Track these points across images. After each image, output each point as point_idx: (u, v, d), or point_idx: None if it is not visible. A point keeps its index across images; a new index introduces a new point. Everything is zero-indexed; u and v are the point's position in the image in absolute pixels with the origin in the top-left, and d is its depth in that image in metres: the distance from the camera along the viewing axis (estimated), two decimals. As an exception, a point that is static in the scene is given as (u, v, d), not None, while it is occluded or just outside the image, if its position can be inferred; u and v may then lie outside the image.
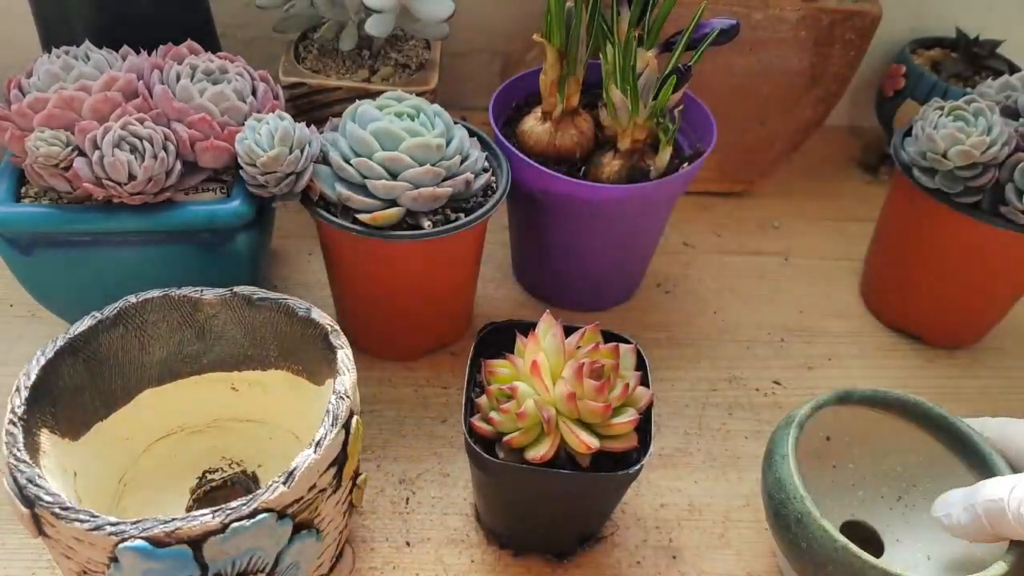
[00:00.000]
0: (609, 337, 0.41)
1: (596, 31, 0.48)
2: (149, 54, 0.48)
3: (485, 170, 0.48)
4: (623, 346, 0.40)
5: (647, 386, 0.40)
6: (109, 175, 0.42)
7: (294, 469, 0.32)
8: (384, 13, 0.52)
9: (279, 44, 0.58)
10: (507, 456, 0.38)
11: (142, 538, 0.30)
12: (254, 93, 0.47)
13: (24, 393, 0.35)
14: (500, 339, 0.42)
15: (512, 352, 0.40)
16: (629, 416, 0.38)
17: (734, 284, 0.62)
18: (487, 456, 0.37)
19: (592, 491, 0.39)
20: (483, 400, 0.39)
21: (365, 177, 0.44)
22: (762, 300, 0.61)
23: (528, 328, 0.40)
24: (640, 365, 0.41)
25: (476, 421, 0.39)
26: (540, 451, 0.37)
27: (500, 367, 0.39)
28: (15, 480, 0.32)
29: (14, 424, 0.34)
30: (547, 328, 0.39)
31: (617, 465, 0.38)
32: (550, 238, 0.54)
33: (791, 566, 0.38)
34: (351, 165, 0.44)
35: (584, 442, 0.36)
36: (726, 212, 0.68)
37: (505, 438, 0.37)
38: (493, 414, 0.38)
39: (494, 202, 0.47)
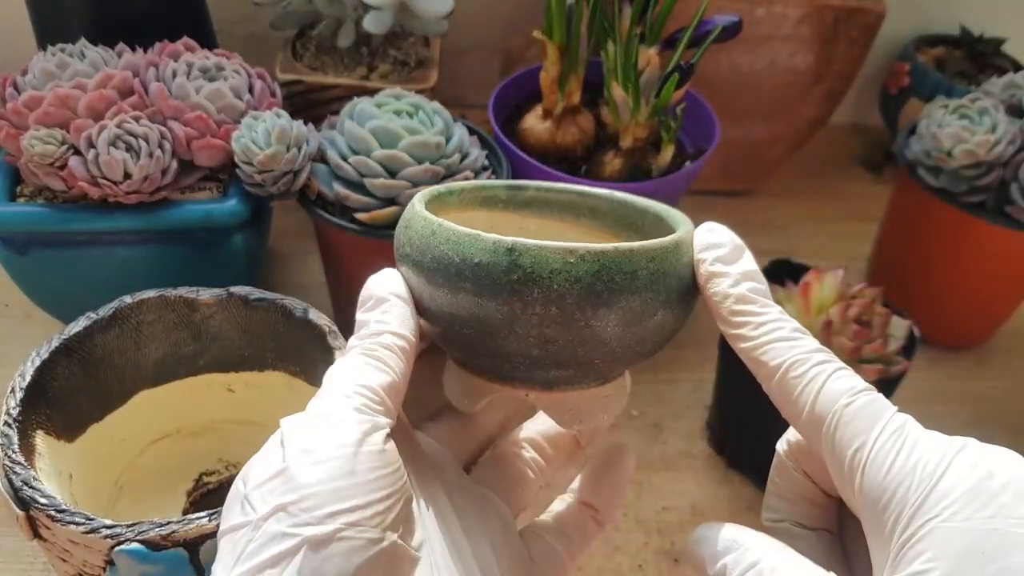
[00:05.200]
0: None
1: (597, 28, 0.47)
2: (145, 51, 0.47)
3: (485, 168, 0.48)
4: (897, 318, 0.45)
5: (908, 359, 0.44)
6: (104, 174, 0.41)
7: (291, 472, 0.32)
8: (382, 10, 0.51)
9: (276, 41, 0.57)
10: None
11: (138, 541, 0.29)
12: (251, 91, 0.47)
13: (19, 394, 0.35)
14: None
15: None
16: (875, 367, 0.42)
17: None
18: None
19: None
20: None
21: (363, 175, 0.43)
22: (765, 300, 0.60)
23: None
24: (910, 343, 0.44)
25: None
26: None
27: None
28: (10, 482, 0.31)
29: (9, 426, 0.33)
30: (835, 273, 0.45)
31: None
32: (551, 237, 0.53)
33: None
34: (349, 163, 0.44)
35: None
36: (729, 211, 0.67)
37: None
38: None
39: (494, 201, 0.46)
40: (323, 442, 0.21)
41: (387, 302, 0.24)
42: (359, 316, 0.24)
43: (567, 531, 0.29)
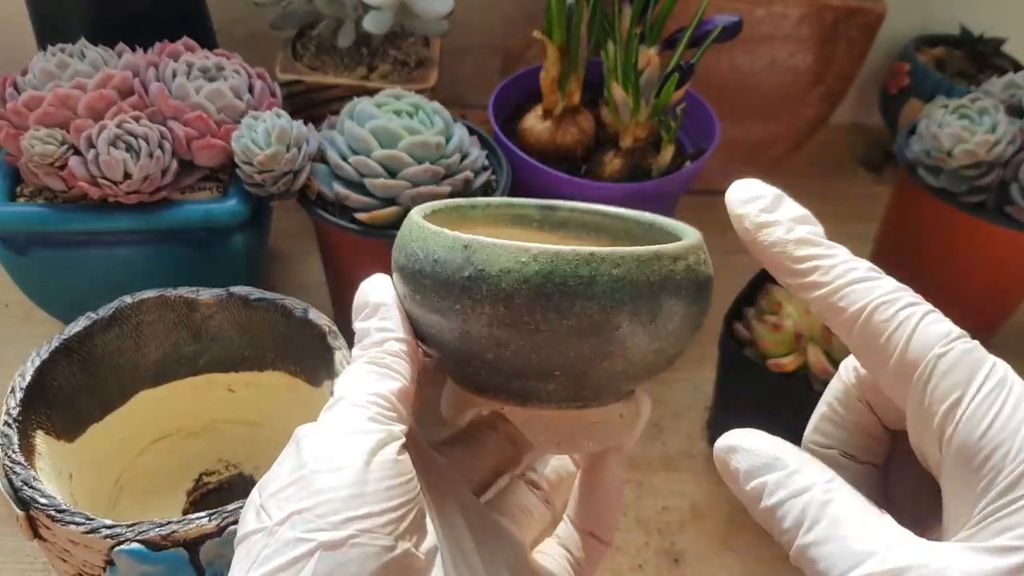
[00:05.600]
0: None
1: (597, 28, 0.47)
2: (145, 51, 0.47)
3: (485, 168, 0.48)
4: None
5: None
6: (104, 174, 0.41)
7: (291, 472, 0.32)
8: (382, 10, 0.51)
9: (276, 41, 0.57)
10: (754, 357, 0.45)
11: (138, 541, 0.29)
12: (251, 91, 0.47)
13: (19, 394, 0.35)
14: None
15: None
16: None
17: (738, 284, 0.61)
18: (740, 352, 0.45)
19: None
20: (751, 312, 0.47)
21: (363, 175, 0.43)
22: (764, 300, 0.60)
23: None
24: None
25: (737, 326, 0.47)
26: (783, 361, 0.44)
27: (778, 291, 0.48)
28: (11, 482, 0.31)
29: (9, 425, 0.33)
30: None
31: None
32: (551, 237, 0.53)
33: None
34: (349, 163, 0.44)
35: (822, 365, 0.43)
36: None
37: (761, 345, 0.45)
38: (755, 322, 0.46)
39: (494, 201, 0.46)
40: (338, 451, 0.21)
41: (384, 306, 0.24)
42: (358, 325, 0.24)
43: (575, 555, 0.28)
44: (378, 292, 0.24)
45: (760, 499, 0.20)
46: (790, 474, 0.20)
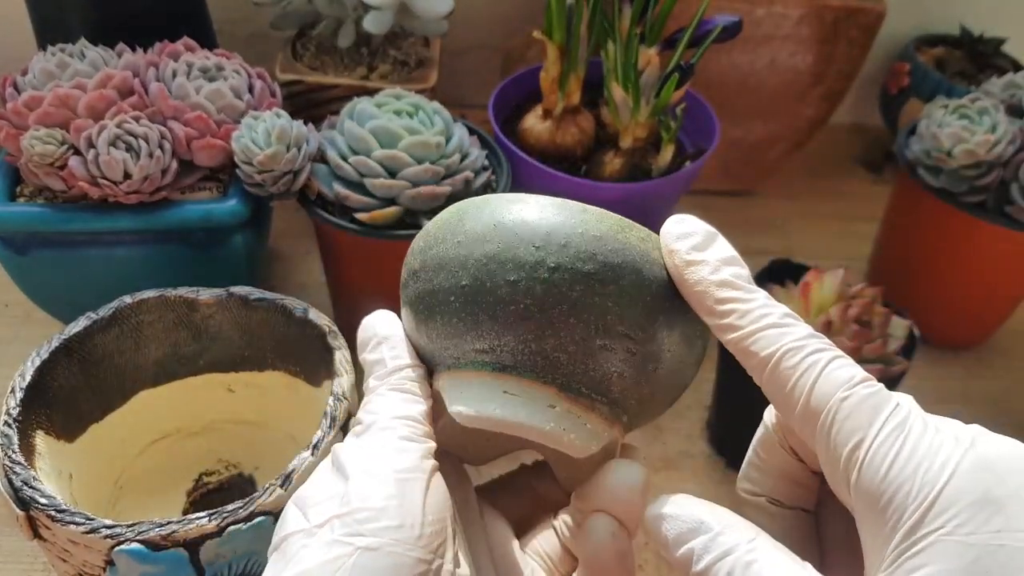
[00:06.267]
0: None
1: (597, 28, 0.47)
2: (145, 51, 0.47)
3: (485, 168, 0.48)
4: (897, 318, 0.45)
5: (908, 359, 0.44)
6: (104, 174, 0.41)
7: (291, 472, 0.32)
8: (382, 10, 0.51)
9: (276, 41, 0.57)
10: None
11: (138, 541, 0.29)
12: (251, 90, 0.47)
13: (19, 394, 0.35)
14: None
15: None
16: (875, 367, 0.42)
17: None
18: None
19: None
20: None
21: (363, 175, 0.43)
22: (764, 300, 0.60)
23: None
24: (910, 343, 0.45)
25: None
26: None
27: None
28: (10, 482, 0.31)
29: (9, 426, 0.33)
30: (834, 273, 0.46)
31: None
32: (551, 237, 0.53)
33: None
34: (349, 163, 0.44)
35: None
36: (729, 211, 0.67)
37: None
38: None
39: (494, 201, 0.46)
40: (376, 466, 0.21)
41: (393, 337, 0.25)
42: (369, 357, 0.25)
43: None
44: (385, 325, 0.25)
45: (691, 565, 0.20)
46: (715, 536, 0.20)
